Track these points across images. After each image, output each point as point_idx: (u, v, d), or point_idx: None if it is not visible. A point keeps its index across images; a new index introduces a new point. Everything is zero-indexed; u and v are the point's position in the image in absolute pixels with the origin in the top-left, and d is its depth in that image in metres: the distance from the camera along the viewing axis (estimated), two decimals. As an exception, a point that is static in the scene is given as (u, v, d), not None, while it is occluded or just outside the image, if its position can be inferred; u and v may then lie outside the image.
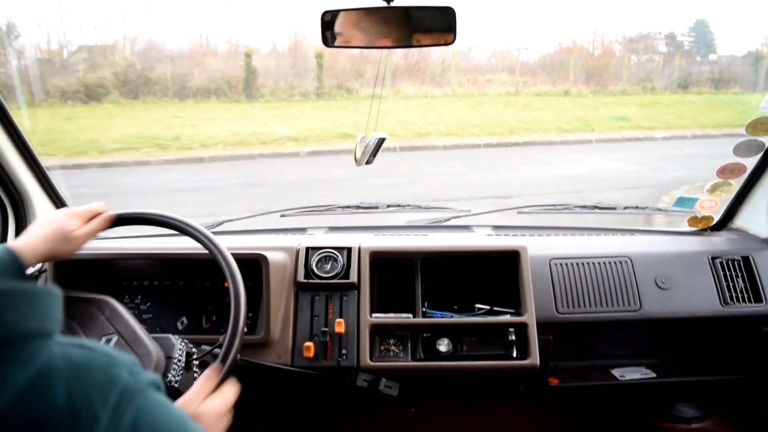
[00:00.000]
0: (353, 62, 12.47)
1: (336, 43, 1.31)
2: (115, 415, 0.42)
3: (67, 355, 0.44)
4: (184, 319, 1.50)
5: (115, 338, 1.00)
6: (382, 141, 1.55)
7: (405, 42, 1.27)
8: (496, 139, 9.39)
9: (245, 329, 1.06)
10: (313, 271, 1.49)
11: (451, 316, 1.49)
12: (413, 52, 12.35)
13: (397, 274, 1.56)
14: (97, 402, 0.42)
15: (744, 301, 1.56)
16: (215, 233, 1.17)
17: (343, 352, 1.41)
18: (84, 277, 1.49)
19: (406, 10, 1.25)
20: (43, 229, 1.06)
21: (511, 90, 13.11)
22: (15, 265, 0.97)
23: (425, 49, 11.26)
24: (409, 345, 1.46)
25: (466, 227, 1.87)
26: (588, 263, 1.58)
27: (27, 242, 1.02)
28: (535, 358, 1.40)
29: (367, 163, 1.58)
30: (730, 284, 1.58)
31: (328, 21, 1.29)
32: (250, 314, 1.46)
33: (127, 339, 1.00)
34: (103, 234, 1.70)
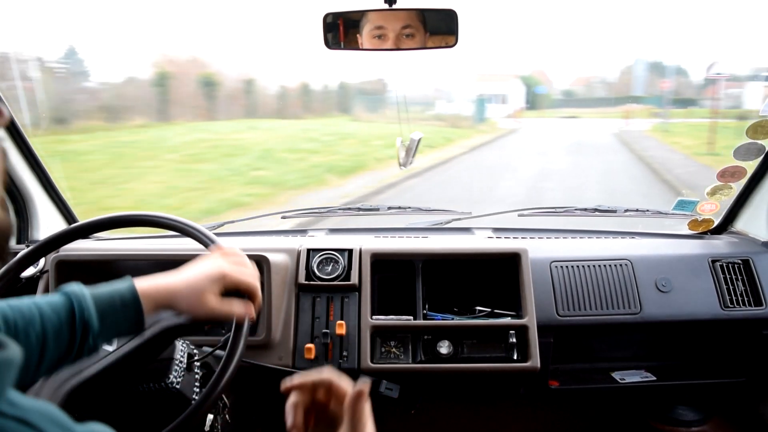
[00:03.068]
0: None
1: (337, 46, 1.31)
2: None
3: (3, 431, 0.42)
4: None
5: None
6: (419, 141, 1.55)
7: (407, 44, 1.27)
8: None
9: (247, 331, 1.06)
10: (314, 272, 1.49)
11: (452, 319, 1.49)
12: None
13: (398, 276, 1.56)
14: None
15: (744, 304, 1.56)
16: (216, 234, 1.17)
17: (344, 353, 1.41)
18: (85, 277, 1.49)
19: (408, 13, 1.25)
20: (181, 281, 0.92)
21: None
22: (132, 308, 0.87)
23: None
24: (410, 347, 1.46)
25: (467, 230, 1.87)
26: (588, 266, 1.59)
27: (155, 288, 0.90)
28: (535, 361, 1.40)
29: (409, 164, 1.58)
30: (730, 287, 1.58)
31: (329, 23, 1.29)
32: None
33: None
34: (103, 234, 1.71)
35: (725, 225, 1.82)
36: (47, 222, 1.67)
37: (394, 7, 1.22)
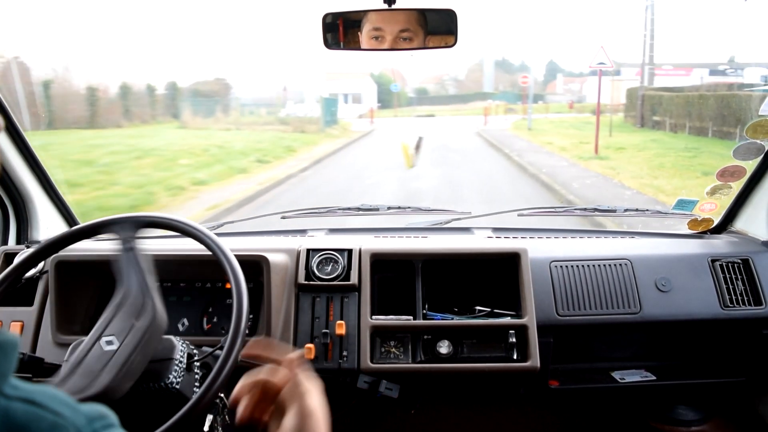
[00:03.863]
0: None
1: (337, 46, 1.31)
2: None
3: (9, 412, 0.41)
4: (185, 321, 1.50)
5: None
6: (421, 140, 1.55)
7: (406, 44, 1.28)
8: None
9: (246, 331, 1.06)
10: (313, 272, 1.49)
11: (452, 318, 1.49)
12: None
13: (398, 276, 1.56)
14: None
15: (744, 303, 1.56)
16: (216, 234, 1.17)
17: (344, 354, 1.41)
18: (86, 278, 1.49)
19: (407, 16, 1.25)
20: None
21: None
22: None
23: None
24: (410, 347, 1.46)
25: (467, 229, 1.88)
26: (588, 266, 1.58)
27: None
28: (535, 361, 1.40)
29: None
30: (730, 287, 1.58)
31: (329, 23, 1.29)
32: (251, 316, 1.46)
33: None
34: (104, 235, 1.71)
35: (725, 224, 1.82)
36: (47, 222, 1.67)
37: (393, 7, 1.22)
